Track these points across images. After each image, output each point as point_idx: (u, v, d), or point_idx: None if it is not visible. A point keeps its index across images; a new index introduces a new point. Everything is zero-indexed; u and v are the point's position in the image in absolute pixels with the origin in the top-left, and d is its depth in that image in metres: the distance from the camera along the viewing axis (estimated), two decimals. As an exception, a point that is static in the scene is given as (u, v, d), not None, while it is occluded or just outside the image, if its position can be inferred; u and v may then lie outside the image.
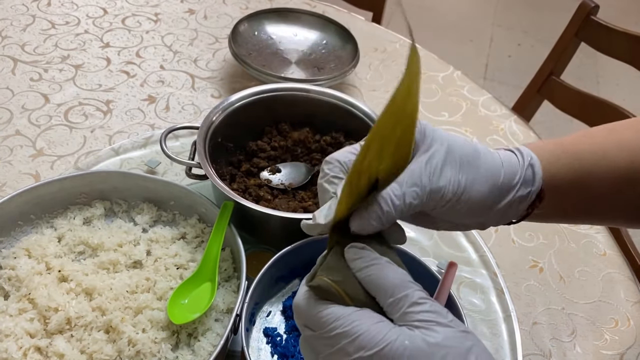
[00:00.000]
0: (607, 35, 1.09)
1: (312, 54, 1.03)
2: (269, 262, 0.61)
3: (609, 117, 1.08)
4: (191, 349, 0.58)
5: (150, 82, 0.97)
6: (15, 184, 0.77)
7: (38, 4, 1.12)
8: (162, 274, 0.64)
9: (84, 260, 0.65)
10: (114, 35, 1.07)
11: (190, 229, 0.69)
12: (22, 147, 0.82)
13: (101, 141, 0.85)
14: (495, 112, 1.02)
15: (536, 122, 1.32)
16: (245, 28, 1.03)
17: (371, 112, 0.78)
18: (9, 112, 0.87)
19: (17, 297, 0.60)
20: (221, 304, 0.61)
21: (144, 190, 0.71)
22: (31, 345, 0.56)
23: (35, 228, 0.67)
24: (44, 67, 0.97)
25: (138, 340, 0.56)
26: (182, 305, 0.60)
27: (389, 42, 1.16)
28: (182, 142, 0.86)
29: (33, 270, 0.61)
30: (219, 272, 0.63)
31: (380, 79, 1.06)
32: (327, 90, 0.80)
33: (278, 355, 0.60)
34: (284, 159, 0.80)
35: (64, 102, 0.91)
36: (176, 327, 0.59)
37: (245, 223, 0.68)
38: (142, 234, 0.69)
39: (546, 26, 2.92)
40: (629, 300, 0.74)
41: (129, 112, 0.91)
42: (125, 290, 0.61)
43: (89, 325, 0.58)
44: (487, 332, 0.68)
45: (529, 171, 0.42)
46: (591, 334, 0.70)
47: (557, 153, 0.45)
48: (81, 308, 0.58)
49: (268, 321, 0.64)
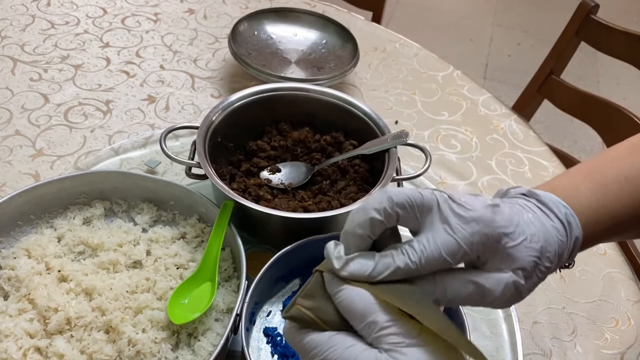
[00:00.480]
0: (607, 35, 1.09)
1: (312, 53, 1.03)
2: (269, 262, 0.61)
3: (609, 117, 1.08)
4: (191, 349, 0.58)
5: (150, 82, 0.97)
6: (15, 184, 0.77)
7: (38, 4, 1.12)
8: (162, 273, 0.64)
9: (84, 260, 0.65)
10: (113, 35, 1.07)
11: (190, 229, 0.69)
12: (22, 147, 0.82)
13: (101, 141, 0.85)
14: (495, 111, 1.02)
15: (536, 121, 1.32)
16: (245, 28, 1.03)
17: (371, 111, 0.78)
18: (9, 112, 0.87)
19: (16, 297, 0.59)
20: (221, 304, 0.61)
21: (143, 190, 0.71)
22: (31, 346, 0.56)
23: (35, 228, 0.67)
24: (44, 67, 0.97)
25: (138, 340, 0.56)
26: (182, 305, 0.60)
27: (389, 41, 1.16)
28: (182, 142, 0.86)
29: (33, 271, 0.61)
30: (219, 272, 0.63)
31: (380, 78, 1.06)
32: (327, 90, 0.80)
33: (278, 355, 0.60)
34: (284, 158, 0.80)
35: (64, 102, 0.91)
36: (176, 327, 0.59)
37: (245, 223, 0.68)
38: (142, 233, 0.69)
39: (546, 25, 2.92)
40: (629, 300, 0.74)
41: (129, 112, 0.91)
42: (125, 290, 0.61)
43: (89, 326, 0.57)
44: (487, 331, 0.68)
45: (571, 247, 0.42)
46: (592, 333, 0.70)
47: (599, 213, 0.44)
48: (81, 308, 0.58)
49: (268, 321, 0.64)
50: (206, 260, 0.63)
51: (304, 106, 0.80)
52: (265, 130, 0.81)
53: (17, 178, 0.78)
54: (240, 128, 0.77)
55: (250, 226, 0.69)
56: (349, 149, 0.79)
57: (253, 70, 0.93)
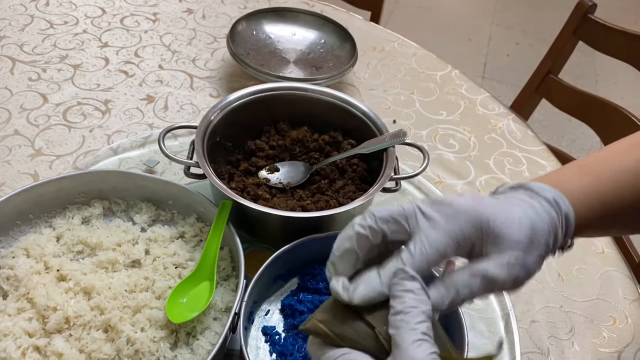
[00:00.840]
0: (605, 34, 1.10)
1: (310, 53, 1.03)
2: (268, 261, 0.61)
3: (607, 116, 1.09)
4: (190, 348, 0.59)
5: (149, 82, 0.97)
6: (14, 184, 0.77)
7: (36, 4, 1.12)
8: (160, 273, 0.64)
9: (83, 260, 0.65)
10: (112, 35, 1.07)
11: (188, 228, 0.69)
12: (21, 147, 0.82)
13: (100, 141, 0.85)
14: (493, 110, 1.02)
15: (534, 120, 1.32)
16: (243, 27, 1.03)
17: (369, 111, 0.78)
18: (8, 112, 0.87)
19: (15, 296, 0.60)
20: (220, 303, 0.61)
21: (142, 189, 0.71)
22: (30, 345, 0.56)
23: (34, 227, 0.67)
24: (43, 67, 0.97)
25: (137, 339, 0.56)
26: (180, 304, 0.60)
27: (387, 41, 1.16)
28: (181, 142, 0.86)
29: (32, 270, 0.61)
30: (218, 271, 0.64)
31: (379, 78, 1.06)
32: (325, 90, 0.80)
33: (276, 354, 0.60)
34: (282, 158, 0.80)
35: (63, 101, 0.91)
36: (175, 326, 0.59)
37: (244, 222, 0.68)
38: (140, 233, 0.69)
39: (544, 25, 2.92)
40: (627, 298, 0.74)
41: (128, 112, 0.91)
42: (124, 290, 0.61)
43: (88, 325, 0.58)
44: (485, 330, 0.68)
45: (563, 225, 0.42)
46: (589, 331, 0.70)
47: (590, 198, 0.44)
48: (80, 307, 0.58)
49: (267, 320, 0.64)
50: (205, 259, 0.63)
51: (302, 106, 0.80)
52: (264, 130, 0.82)
53: (16, 178, 0.78)
54: (238, 127, 0.77)
55: (249, 225, 0.69)
56: (347, 149, 0.79)
57: (251, 70, 0.93)
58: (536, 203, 0.41)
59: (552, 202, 0.42)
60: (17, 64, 0.97)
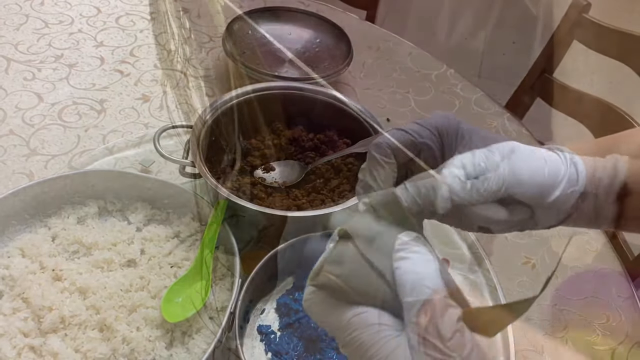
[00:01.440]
0: (599, 33, 1.10)
1: (305, 52, 1.03)
2: (263, 260, 0.61)
3: (602, 115, 1.09)
4: (185, 347, 0.59)
5: (144, 81, 0.97)
6: (9, 184, 0.77)
7: (31, 3, 1.11)
8: (156, 272, 0.64)
9: (78, 259, 0.65)
10: (107, 35, 1.07)
11: (184, 228, 0.69)
12: (16, 147, 0.82)
13: (95, 140, 0.85)
14: (488, 109, 1.03)
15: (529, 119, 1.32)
16: (239, 27, 1.03)
17: (364, 110, 0.78)
18: (3, 112, 0.87)
19: (10, 296, 0.60)
20: (215, 302, 0.61)
21: (138, 189, 0.71)
22: (25, 345, 0.56)
23: (29, 227, 0.67)
24: (38, 67, 0.97)
25: (132, 338, 0.57)
26: (176, 304, 0.60)
27: (382, 40, 1.16)
28: (176, 141, 0.86)
29: (27, 270, 0.61)
30: (213, 270, 0.64)
31: (374, 77, 1.06)
32: (320, 89, 0.80)
33: (272, 353, 0.60)
34: (278, 157, 0.80)
35: (58, 101, 0.91)
36: (170, 325, 0.59)
37: (239, 221, 0.68)
38: (136, 232, 0.69)
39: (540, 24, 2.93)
40: (620, 296, 0.74)
41: (123, 112, 0.91)
42: (120, 289, 0.61)
43: (83, 324, 0.58)
44: (480, 328, 0.68)
45: (572, 169, 0.40)
46: (583, 329, 0.70)
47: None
48: (75, 307, 0.58)
49: (262, 319, 0.64)
50: (200, 258, 0.63)
51: (297, 105, 0.81)
52: (259, 129, 0.82)
53: (11, 177, 0.78)
54: (234, 127, 0.77)
55: (244, 225, 0.70)
56: (343, 148, 0.79)
57: (247, 70, 0.93)
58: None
59: (554, 150, 0.42)
60: (12, 63, 0.97)
